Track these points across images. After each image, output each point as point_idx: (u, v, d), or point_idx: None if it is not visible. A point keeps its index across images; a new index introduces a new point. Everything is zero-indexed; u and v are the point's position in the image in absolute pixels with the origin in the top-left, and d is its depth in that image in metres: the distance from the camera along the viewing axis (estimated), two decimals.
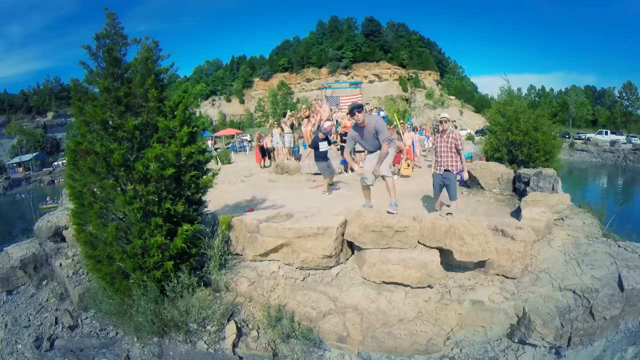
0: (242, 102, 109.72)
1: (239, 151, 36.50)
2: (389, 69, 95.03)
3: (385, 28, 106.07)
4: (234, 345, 5.55)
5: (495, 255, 5.94)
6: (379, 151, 6.61)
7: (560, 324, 5.44)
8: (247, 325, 5.86)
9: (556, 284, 6.15)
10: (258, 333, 5.70)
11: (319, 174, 13.36)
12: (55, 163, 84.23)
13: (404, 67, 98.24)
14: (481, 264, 6.02)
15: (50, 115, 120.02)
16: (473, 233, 5.65)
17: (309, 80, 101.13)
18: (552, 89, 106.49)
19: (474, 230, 5.71)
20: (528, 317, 5.40)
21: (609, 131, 62.65)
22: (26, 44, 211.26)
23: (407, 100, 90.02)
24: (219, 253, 6.29)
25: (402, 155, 14.31)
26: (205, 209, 6.94)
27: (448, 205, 8.90)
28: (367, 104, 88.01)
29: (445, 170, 8.64)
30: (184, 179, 5.75)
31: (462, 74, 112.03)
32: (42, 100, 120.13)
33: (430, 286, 5.61)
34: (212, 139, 47.68)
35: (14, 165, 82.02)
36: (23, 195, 56.92)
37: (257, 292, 6.03)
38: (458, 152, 8.62)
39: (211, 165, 8.86)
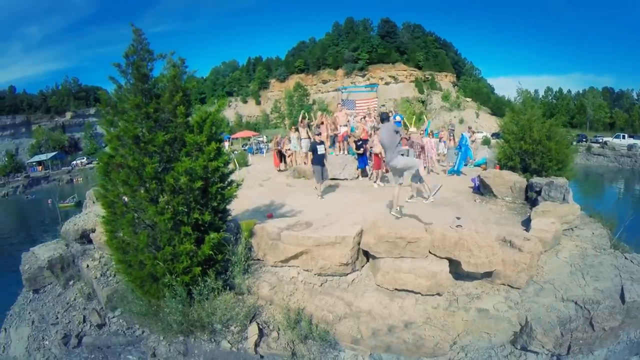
0: (258, 103, 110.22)
1: (256, 153, 36.96)
2: (405, 70, 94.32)
3: (401, 29, 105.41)
4: (256, 345, 5.99)
5: (502, 266, 6.27)
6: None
7: (560, 334, 5.76)
8: (267, 327, 6.30)
9: (559, 294, 6.45)
10: (278, 334, 6.14)
11: (336, 178, 13.83)
12: (74, 162, 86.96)
13: (420, 68, 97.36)
14: (488, 274, 6.36)
15: (68, 115, 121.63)
16: (481, 245, 6.01)
17: (325, 82, 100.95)
18: (569, 91, 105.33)
19: (481, 242, 6.06)
20: (530, 326, 5.73)
21: (626, 135, 61.10)
22: (44, 45, 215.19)
23: (423, 102, 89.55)
24: (242, 259, 6.76)
25: None
26: (229, 217, 7.38)
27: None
28: (382, 106, 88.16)
29: None
30: (211, 190, 6.21)
31: (478, 76, 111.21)
32: (60, 100, 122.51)
33: (439, 294, 5.99)
34: (229, 141, 48.30)
35: (34, 164, 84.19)
36: (34, 196, 61.06)
37: (277, 296, 6.47)
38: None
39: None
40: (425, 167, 15.45)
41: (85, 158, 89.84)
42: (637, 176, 46.06)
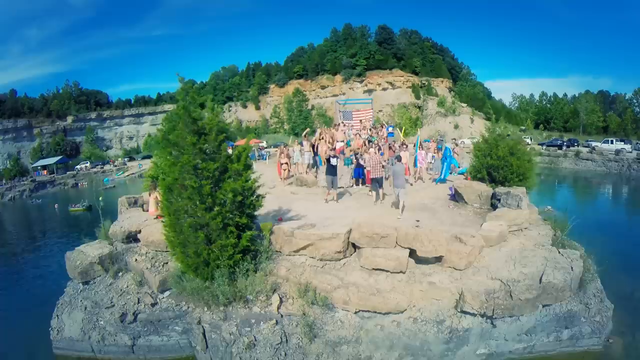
0: (257, 108, 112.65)
1: (258, 159, 39.63)
2: (401, 76, 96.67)
3: (398, 35, 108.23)
4: (278, 308, 8.89)
5: (448, 254, 9.19)
6: None
7: (485, 299, 8.64)
8: (285, 296, 9.20)
9: (489, 275, 9.33)
10: (293, 300, 9.03)
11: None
12: (78, 166, 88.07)
13: (416, 74, 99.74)
14: (439, 259, 9.28)
15: (70, 119, 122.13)
16: (430, 239, 8.94)
17: (323, 88, 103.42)
18: (565, 95, 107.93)
19: (431, 237, 8.99)
20: (463, 294, 8.61)
21: (614, 140, 63.52)
22: (43, 48, 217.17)
23: (419, 107, 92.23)
24: (266, 250, 9.65)
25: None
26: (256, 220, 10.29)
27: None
28: (380, 111, 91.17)
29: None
30: (246, 202, 9.12)
31: (474, 81, 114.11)
32: (61, 104, 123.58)
33: (402, 272, 8.91)
34: (232, 148, 50.76)
35: (39, 168, 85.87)
36: (40, 200, 62.04)
37: (291, 275, 9.40)
38: None
39: None
40: (413, 175, 18.56)
41: (88, 162, 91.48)
42: (623, 180, 48.08)
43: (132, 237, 13.33)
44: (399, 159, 14.82)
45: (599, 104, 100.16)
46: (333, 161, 15.20)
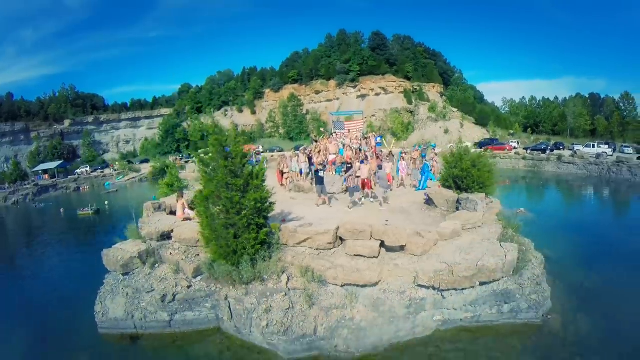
0: (253, 112, 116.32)
1: (257, 164, 43.27)
2: (394, 82, 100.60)
3: (391, 41, 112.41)
4: (286, 284, 12.59)
5: (409, 244, 12.92)
6: None
7: (432, 275, 12.33)
8: (291, 276, 12.92)
9: (438, 260, 13.02)
10: (297, 279, 12.73)
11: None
12: (78, 171, 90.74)
13: (409, 79, 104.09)
14: (402, 248, 13.00)
15: (67, 122, 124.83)
16: (395, 233, 12.70)
17: (317, 93, 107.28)
18: (556, 97, 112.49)
19: (396, 232, 12.76)
20: (417, 272, 12.35)
21: (595, 144, 66.87)
22: (37, 50, 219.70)
23: (411, 112, 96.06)
24: (277, 242, 13.37)
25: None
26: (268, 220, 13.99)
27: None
28: (373, 116, 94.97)
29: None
30: (263, 207, 12.81)
31: (466, 85, 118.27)
32: (58, 107, 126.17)
33: (375, 257, 12.66)
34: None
35: (40, 172, 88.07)
36: (43, 204, 63.57)
37: (295, 261, 13.12)
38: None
39: None
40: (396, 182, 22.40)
41: (88, 167, 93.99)
42: (603, 183, 51.13)
43: (165, 236, 16.79)
44: (380, 167, 18.96)
45: (589, 107, 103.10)
46: (320, 173, 19.02)
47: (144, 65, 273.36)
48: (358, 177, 19.60)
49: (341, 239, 13.71)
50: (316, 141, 27.77)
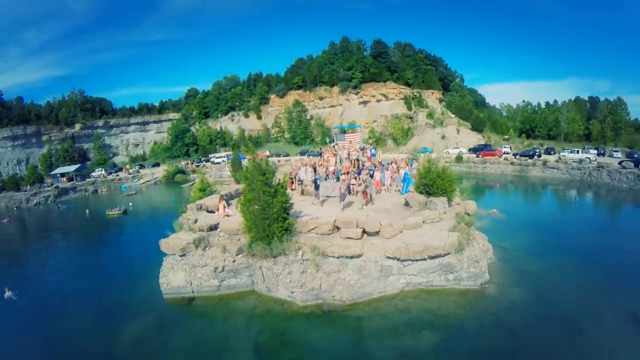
0: (259, 117, 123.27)
1: None
2: (395, 89, 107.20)
3: (392, 48, 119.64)
4: (301, 257, 20.08)
5: (382, 231, 20.41)
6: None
7: (395, 250, 19.70)
8: (304, 251, 20.39)
9: (402, 241, 20.44)
10: (308, 253, 20.17)
11: (329, 196, 27.91)
12: (94, 174, 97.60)
13: (409, 85, 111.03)
14: (377, 233, 20.52)
15: (77, 126, 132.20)
16: (372, 224, 20.23)
17: (321, 99, 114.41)
18: (556, 101, 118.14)
19: (373, 223, 20.30)
20: (385, 248, 19.76)
21: (579, 150, 73.38)
22: (42, 52, 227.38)
23: (411, 118, 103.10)
24: (294, 230, 20.92)
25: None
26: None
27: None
28: (374, 121, 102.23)
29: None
30: (286, 206, 20.34)
31: (466, 90, 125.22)
32: (68, 111, 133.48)
33: (359, 239, 20.17)
34: (245, 160, 61.99)
35: (58, 175, 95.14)
36: (66, 205, 69.92)
37: (307, 242, 20.68)
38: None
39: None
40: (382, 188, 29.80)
41: (103, 170, 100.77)
42: (584, 186, 57.33)
43: (212, 228, 24.22)
44: (372, 176, 26.67)
45: (586, 111, 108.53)
46: (317, 182, 26.64)
47: (149, 68, 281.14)
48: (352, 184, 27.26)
49: (337, 227, 21.26)
50: (320, 154, 35.38)
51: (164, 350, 17.30)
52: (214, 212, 26.64)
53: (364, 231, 20.80)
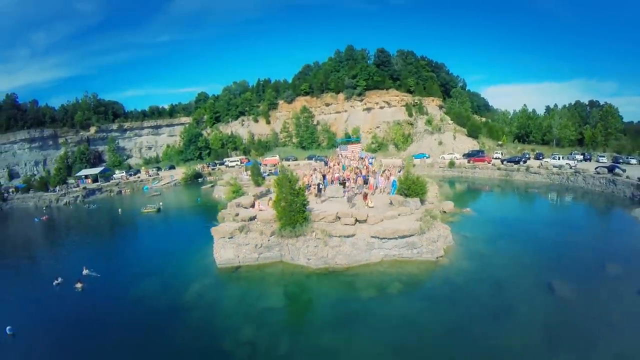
0: (268, 122, 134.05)
1: (269, 175, 62.85)
2: (397, 96, 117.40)
3: (394, 56, 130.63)
4: (315, 237, 31.73)
5: (369, 219, 32.13)
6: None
7: (376, 232, 31.25)
8: (317, 233, 32.04)
9: (381, 226, 32.03)
10: (319, 234, 31.83)
11: (333, 197, 39.61)
12: (116, 176, 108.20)
13: (411, 93, 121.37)
14: (365, 221, 32.21)
15: (93, 129, 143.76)
16: (360, 214, 32.04)
17: (327, 105, 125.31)
18: (556, 105, 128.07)
19: (362, 214, 32.04)
20: (369, 232, 31.36)
21: (561, 156, 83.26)
22: (52, 52, 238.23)
23: (412, 124, 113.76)
24: (310, 219, 32.69)
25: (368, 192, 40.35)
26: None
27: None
28: (377, 127, 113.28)
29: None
30: (305, 203, 32.14)
31: (465, 95, 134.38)
32: (82, 114, 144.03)
33: (353, 224, 31.88)
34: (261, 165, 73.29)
35: (83, 176, 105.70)
36: (95, 205, 79.40)
37: (319, 227, 32.44)
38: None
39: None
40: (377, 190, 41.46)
41: (124, 172, 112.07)
42: (562, 190, 66.39)
43: (251, 218, 35.89)
44: (365, 181, 38.57)
45: (587, 115, 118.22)
46: (320, 185, 38.57)
47: (157, 70, 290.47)
48: (352, 187, 39.18)
49: (339, 217, 33.06)
50: (326, 163, 47.29)
51: (221, 300, 28.14)
52: (247, 208, 38.33)
53: (356, 220, 32.46)
